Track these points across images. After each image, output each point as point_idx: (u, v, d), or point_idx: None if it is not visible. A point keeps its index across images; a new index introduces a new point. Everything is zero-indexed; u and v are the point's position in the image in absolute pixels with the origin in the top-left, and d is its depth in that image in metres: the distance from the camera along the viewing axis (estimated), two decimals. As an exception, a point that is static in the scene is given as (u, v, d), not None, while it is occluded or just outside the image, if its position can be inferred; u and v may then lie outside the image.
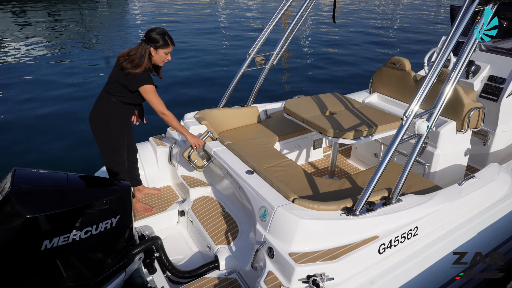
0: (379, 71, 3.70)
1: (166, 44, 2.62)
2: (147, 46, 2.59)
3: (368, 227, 2.13)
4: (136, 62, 2.55)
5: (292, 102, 3.28)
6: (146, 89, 2.58)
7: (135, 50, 2.59)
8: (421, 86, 2.13)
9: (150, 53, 2.60)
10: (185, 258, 2.78)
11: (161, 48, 2.61)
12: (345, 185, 2.69)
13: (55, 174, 2.09)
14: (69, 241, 1.94)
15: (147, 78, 2.58)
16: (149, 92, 2.59)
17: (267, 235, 2.12)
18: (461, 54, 2.21)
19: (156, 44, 2.59)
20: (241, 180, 2.42)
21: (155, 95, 2.62)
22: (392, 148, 2.12)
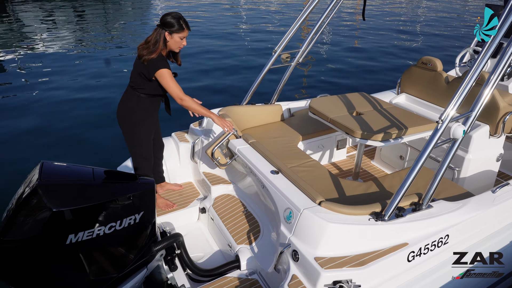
0: (408, 71, 3.58)
1: (181, 29, 2.52)
2: (162, 31, 2.51)
3: (397, 233, 2.05)
4: (151, 49, 2.49)
5: (318, 101, 3.20)
6: (161, 73, 2.49)
7: (151, 36, 2.54)
8: (459, 89, 2.02)
9: (165, 38, 2.52)
10: (206, 256, 2.76)
11: (176, 32, 2.52)
12: (371, 188, 2.61)
13: (81, 168, 2.09)
14: (93, 236, 1.93)
15: (162, 63, 2.49)
16: (165, 77, 2.49)
17: (292, 238, 2.07)
18: (502, 56, 2.09)
19: (171, 28, 2.50)
20: (265, 180, 2.37)
21: (171, 80, 2.52)
22: (425, 152, 2.02)
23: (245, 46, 10.98)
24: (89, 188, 1.97)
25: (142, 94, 2.63)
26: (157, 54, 2.50)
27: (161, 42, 2.51)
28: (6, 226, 1.83)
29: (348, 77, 8.49)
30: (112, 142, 5.17)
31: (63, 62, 9.00)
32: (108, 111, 6.27)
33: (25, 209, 1.84)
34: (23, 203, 1.83)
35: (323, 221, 1.96)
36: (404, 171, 2.79)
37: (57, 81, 7.74)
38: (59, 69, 8.47)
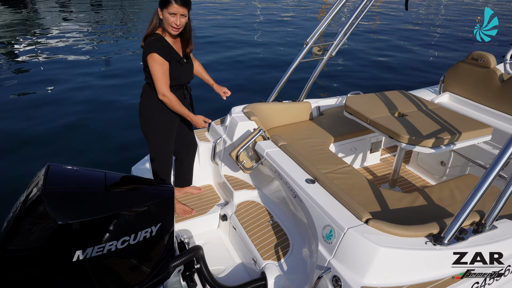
0: (455, 67, 3.21)
1: (168, 2, 2.11)
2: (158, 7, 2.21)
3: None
4: (147, 29, 2.23)
5: (354, 100, 2.87)
6: (152, 57, 2.15)
7: None
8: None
9: (158, 16, 2.21)
10: (227, 270, 2.48)
11: (164, 7, 2.14)
12: (417, 201, 2.28)
13: (92, 172, 1.83)
14: (104, 251, 1.67)
15: (154, 46, 2.15)
16: (154, 63, 2.15)
17: (333, 261, 1.76)
18: None
19: (160, 4, 2.16)
20: (300, 191, 2.07)
21: (160, 69, 2.17)
22: (496, 167, 1.68)
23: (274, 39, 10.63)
24: (100, 196, 1.71)
25: (154, 87, 2.34)
26: (150, 30, 2.21)
27: (154, 20, 2.22)
28: (8, 234, 1.59)
29: (376, 73, 8.09)
30: (130, 137, 4.96)
31: (77, 53, 8.84)
32: (123, 105, 6.07)
33: (28, 218, 1.59)
34: (26, 211, 1.59)
35: (372, 243, 1.66)
36: (454, 182, 2.45)
37: (71, 72, 7.58)
38: (73, 60, 8.32)
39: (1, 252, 1.59)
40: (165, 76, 2.21)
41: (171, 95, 2.26)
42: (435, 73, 8.15)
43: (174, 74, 2.30)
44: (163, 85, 2.21)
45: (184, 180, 2.83)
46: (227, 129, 2.90)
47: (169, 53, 2.23)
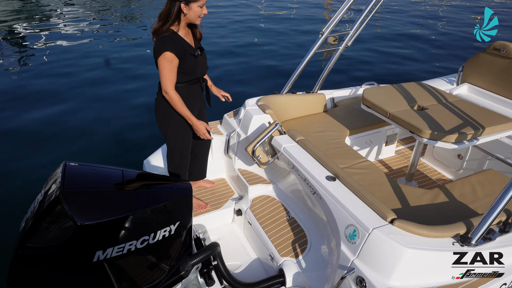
0: (475, 57, 3.11)
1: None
2: (175, 3, 2.11)
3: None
4: (162, 21, 2.12)
5: (372, 92, 2.80)
6: (163, 55, 2.10)
7: (162, 11, 2.16)
8: None
9: (180, 10, 2.13)
10: (243, 265, 2.46)
11: (193, 1, 2.10)
12: (439, 197, 2.23)
13: (110, 170, 1.78)
14: (123, 251, 1.65)
15: (169, 44, 2.10)
16: (164, 60, 2.11)
17: (357, 261, 1.73)
18: None
19: (187, 0, 2.09)
20: (320, 188, 2.02)
21: (168, 67, 2.13)
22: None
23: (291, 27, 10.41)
24: (119, 195, 1.67)
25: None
26: (166, 28, 2.12)
27: (174, 15, 2.13)
28: (27, 234, 1.57)
29: (387, 64, 7.93)
30: (140, 130, 4.91)
31: (82, 42, 8.73)
32: (128, 97, 6.01)
33: (47, 218, 1.55)
34: (44, 212, 1.55)
35: (399, 245, 1.61)
36: (475, 177, 2.39)
37: (75, 60, 7.49)
38: (77, 48, 8.22)
39: (21, 251, 1.56)
40: (171, 74, 2.16)
41: (174, 94, 2.21)
42: (451, 62, 8.01)
43: (190, 69, 2.24)
44: (168, 83, 2.17)
45: (198, 174, 2.80)
46: (241, 122, 2.84)
47: (182, 49, 2.17)
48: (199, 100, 2.47)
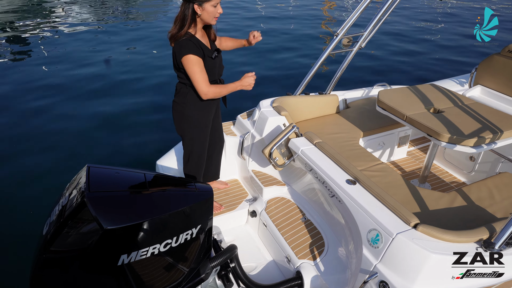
0: (489, 60, 3.10)
1: None
2: (189, 4, 2.08)
3: (510, 266, 1.69)
4: (178, 26, 2.10)
5: (388, 94, 2.79)
6: (188, 59, 2.08)
7: (178, 14, 2.13)
8: None
9: (194, 11, 2.10)
10: (259, 267, 2.46)
11: (206, 1, 2.07)
12: (456, 201, 2.23)
13: (132, 174, 1.78)
14: (147, 255, 1.65)
15: (189, 47, 2.09)
16: (189, 64, 2.09)
17: (379, 266, 1.73)
18: None
19: (199, 0, 2.06)
20: (341, 192, 2.02)
21: (198, 69, 2.11)
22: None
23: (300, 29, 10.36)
24: (143, 199, 1.67)
25: (189, 86, 2.28)
26: (184, 32, 2.11)
27: (189, 18, 2.10)
28: (52, 237, 1.56)
29: (395, 63, 7.90)
30: (151, 130, 4.90)
31: (83, 40, 8.70)
32: (132, 95, 5.99)
33: (72, 221, 1.55)
34: (70, 215, 1.55)
35: (423, 250, 1.61)
36: (491, 181, 2.40)
37: (77, 58, 7.46)
38: (77, 47, 8.18)
39: (45, 254, 1.56)
40: (203, 74, 2.14)
41: (211, 89, 2.18)
42: (463, 64, 7.99)
43: (209, 71, 2.23)
44: (203, 84, 2.15)
45: (212, 175, 2.80)
46: (255, 124, 2.84)
47: (202, 50, 2.16)
48: (216, 101, 2.47)
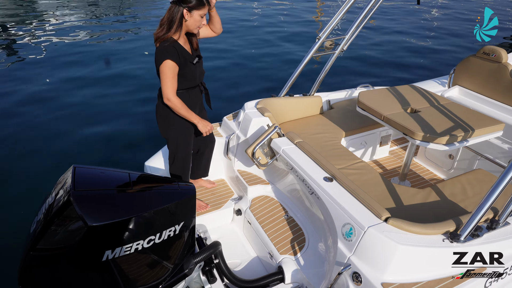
0: (466, 61, 3.22)
1: (201, 4, 2.15)
2: (179, 8, 2.12)
3: None
4: (165, 28, 2.15)
5: (367, 95, 2.89)
6: (165, 64, 2.13)
7: (165, 16, 2.18)
8: None
9: (183, 16, 2.15)
10: (243, 263, 2.55)
11: (195, 9, 2.14)
12: (430, 197, 2.33)
13: (117, 173, 1.86)
14: (131, 251, 1.72)
15: (171, 52, 2.14)
16: (166, 69, 2.14)
17: (353, 258, 1.82)
18: None
19: (189, 4, 2.12)
20: (318, 189, 2.11)
21: (169, 75, 2.16)
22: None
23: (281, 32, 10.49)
24: (128, 197, 1.75)
25: None
26: (170, 36, 2.16)
27: (177, 22, 2.15)
28: (39, 234, 1.64)
29: (381, 65, 8.03)
30: (140, 132, 4.97)
31: (76, 44, 8.74)
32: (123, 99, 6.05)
33: (58, 219, 1.62)
34: (56, 213, 1.62)
35: (392, 242, 1.71)
36: (465, 177, 2.50)
37: (68, 63, 7.51)
38: (70, 51, 8.22)
39: (33, 252, 1.63)
40: (173, 81, 2.20)
41: (176, 100, 2.25)
42: (441, 65, 8.14)
43: (190, 76, 2.32)
44: (169, 90, 2.20)
45: (201, 172, 2.89)
46: (240, 125, 2.93)
47: (183, 57, 2.23)
48: (199, 103, 2.56)
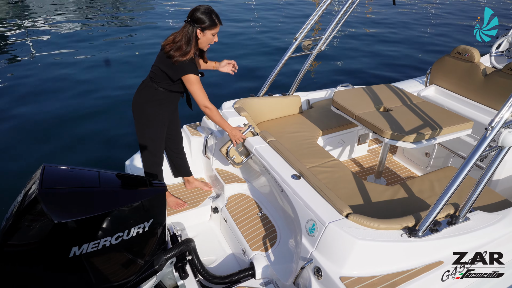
0: (441, 61, 3.28)
1: (214, 24, 2.34)
2: (193, 28, 2.31)
3: (431, 250, 1.85)
4: (185, 49, 2.30)
5: (342, 95, 2.95)
6: (190, 79, 2.35)
7: (180, 35, 2.32)
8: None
9: (196, 36, 2.34)
10: (218, 260, 2.61)
11: (208, 29, 2.34)
12: (399, 193, 2.39)
13: (87, 172, 1.92)
14: (99, 247, 1.78)
15: (192, 68, 2.35)
16: (193, 83, 2.36)
17: (315, 253, 1.88)
18: None
19: (203, 25, 2.31)
20: (286, 186, 2.17)
21: (199, 86, 2.38)
22: (469, 163, 1.79)
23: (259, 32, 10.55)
24: (95, 195, 1.81)
25: (161, 88, 2.46)
26: (190, 55, 2.33)
27: (194, 42, 2.33)
28: (8, 231, 1.69)
29: (368, 65, 8.09)
30: (121, 132, 5.00)
31: (69, 44, 8.77)
32: (111, 100, 6.08)
33: (26, 217, 1.68)
34: (24, 210, 1.68)
35: (351, 237, 1.77)
36: (435, 174, 2.56)
37: (61, 63, 7.54)
38: (64, 50, 8.25)
39: (2, 248, 1.68)
40: (203, 91, 2.40)
41: (213, 106, 2.44)
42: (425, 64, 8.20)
43: (184, 86, 2.45)
44: (204, 99, 2.41)
45: (185, 171, 2.96)
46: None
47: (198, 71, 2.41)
48: (175, 103, 2.62)
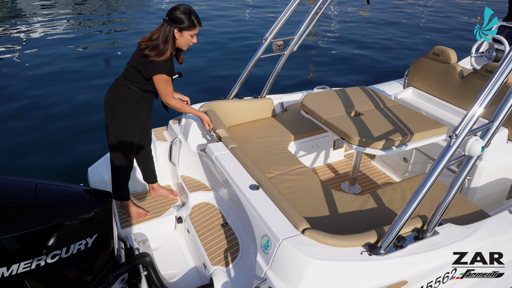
0: (417, 62, 3.15)
1: (192, 25, 2.25)
2: (171, 28, 2.22)
3: (395, 269, 1.71)
4: (161, 49, 2.21)
5: (312, 98, 2.81)
6: (158, 78, 2.28)
7: (157, 33, 2.24)
8: (482, 92, 1.61)
9: (173, 35, 2.25)
10: (179, 274, 2.46)
11: (186, 29, 2.25)
12: (368, 203, 2.26)
13: (22, 183, 1.76)
14: (32, 267, 1.62)
15: (164, 68, 2.27)
16: (160, 81, 2.28)
17: (269, 272, 1.74)
18: None
19: (181, 25, 2.22)
20: (242, 197, 2.02)
21: (164, 84, 2.31)
22: (433, 175, 1.65)
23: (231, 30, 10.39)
24: (27, 210, 1.64)
25: (134, 88, 2.35)
26: (167, 56, 2.23)
27: (171, 42, 2.24)
28: None
29: (348, 65, 7.95)
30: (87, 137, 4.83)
31: (56, 45, 8.57)
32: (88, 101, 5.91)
33: None
34: None
35: (305, 256, 1.63)
36: (407, 182, 2.43)
37: (46, 64, 7.35)
38: (51, 52, 8.05)
39: None
40: (169, 89, 2.36)
41: (175, 102, 2.43)
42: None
43: None
44: (169, 97, 2.38)
45: (152, 176, 2.83)
46: (182, 129, 2.83)
47: (172, 71, 2.34)
48: (149, 104, 2.51)
